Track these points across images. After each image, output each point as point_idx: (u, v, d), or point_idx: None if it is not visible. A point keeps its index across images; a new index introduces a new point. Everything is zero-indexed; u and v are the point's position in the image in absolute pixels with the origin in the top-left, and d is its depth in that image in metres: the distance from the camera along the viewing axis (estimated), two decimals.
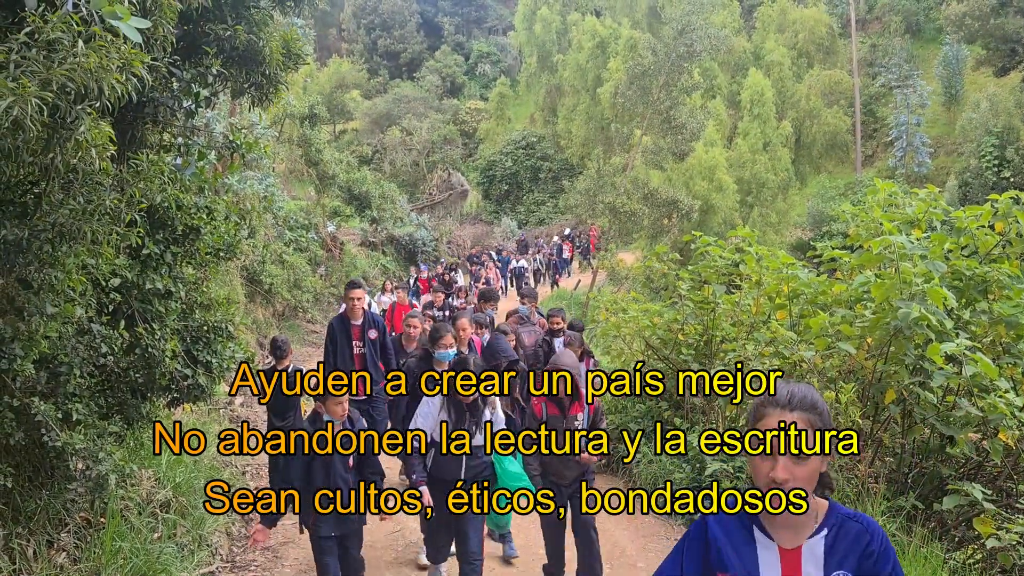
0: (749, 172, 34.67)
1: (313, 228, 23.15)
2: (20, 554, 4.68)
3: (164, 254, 5.66)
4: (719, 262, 8.85)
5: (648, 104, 30.87)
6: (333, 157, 27.26)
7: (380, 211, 30.42)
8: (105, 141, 3.62)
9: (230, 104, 15.93)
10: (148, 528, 5.77)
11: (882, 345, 6.36)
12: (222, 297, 6.87)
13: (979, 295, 6.64)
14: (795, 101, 42.48)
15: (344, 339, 7.95)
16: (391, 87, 58.40)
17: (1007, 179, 35.06)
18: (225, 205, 6.46)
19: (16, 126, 3.18)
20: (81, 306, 4.99)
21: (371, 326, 8.05)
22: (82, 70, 3.31)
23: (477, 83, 62.90)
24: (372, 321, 8.13)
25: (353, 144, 50.47)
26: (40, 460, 5.05)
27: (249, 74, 5.29)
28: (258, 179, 18.67)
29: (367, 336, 7.99)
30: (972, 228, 7.05)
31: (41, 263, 4.28)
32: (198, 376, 6.17)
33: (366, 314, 8.11)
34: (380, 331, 8.13)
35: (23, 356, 4.46)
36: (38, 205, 4.02)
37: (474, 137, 53.74)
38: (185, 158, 5.90)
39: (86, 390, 5.22)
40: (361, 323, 7.99)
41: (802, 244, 33.93)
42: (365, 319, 8.04)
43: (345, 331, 7.97)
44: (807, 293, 7.84)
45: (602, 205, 27.73)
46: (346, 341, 7.94)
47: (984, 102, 39.21)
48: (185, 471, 6.97)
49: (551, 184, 46.71)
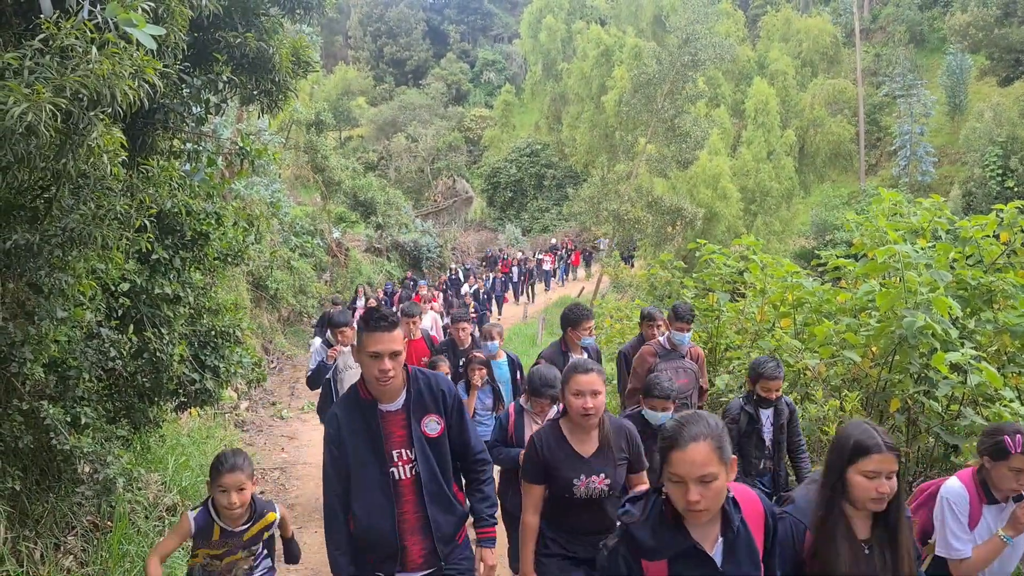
0: (753, 180, 34.66)
1: (319, 234, 23.23)
2: (28, 557, 4.71)
3: (173, 259, 5.70)
4: (723, 270, 8.86)
5: (652, 112, 30.91)
6: (339, 163, 27.37)
7: (385, 217, 30.53)
8: (116, 147, 3.65)
9: (238, 110, 16.00)
10: (155, 531, 5.79)
11: (887, 354, 6.37)
12: (229, 302, 6.90)
13: (984, 304, 6.64)
14: (799, 110, 42.50)
15: None
16: (397, 94, 58.55)
17: (1011, 189, 35.06)
18: (233, 211, 6.50)
19: (30, 131, 3.21)
20: (90, 310, 5.02)
21: None
22: (95, 76, 3.34)
23: (482, 91, 63.06)
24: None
25: (359, 151, 50.61)
26: (48, 463, 5.07)
27: (259, 81, 5.31)
28: (265, 185, 18.73)
29: None
30: (977, 238, 7.06)
31: (51, 267, 4.31)
32: (205, 381, 6.20)
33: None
34: None
35: (33, 360, 4.49)
36: (49, 210, 4.05)
37: (479, 144, 53.84)
38: (194, 164, 5.93)
39: (94, 394, 5.25)
40: None
41: (806, 253, 33.92)
42: None
43: None
44: (811, 301, 7.85)
45: (606, 213, 27.79)
46: None
47: (988, 112, 39.21)
48: (191, 475, 7.00)
49: (555, 191, 46.74)
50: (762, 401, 5.53)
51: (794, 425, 5.71)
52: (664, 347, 6.61)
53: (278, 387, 14.02)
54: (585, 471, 3.84)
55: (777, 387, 5.45)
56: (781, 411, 5.60)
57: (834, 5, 55.86)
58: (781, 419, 5.58)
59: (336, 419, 3.62)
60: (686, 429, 2.55)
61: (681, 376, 6.33)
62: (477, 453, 3.84)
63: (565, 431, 3.93)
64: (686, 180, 32.65)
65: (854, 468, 2.88)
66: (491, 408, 6.71)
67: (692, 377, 6.48)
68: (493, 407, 6.72)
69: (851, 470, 2.88)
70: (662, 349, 6.59)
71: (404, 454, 3.61)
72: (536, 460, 3.89)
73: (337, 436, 3.60)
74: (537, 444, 3.90)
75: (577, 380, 3.80)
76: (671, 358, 6.51)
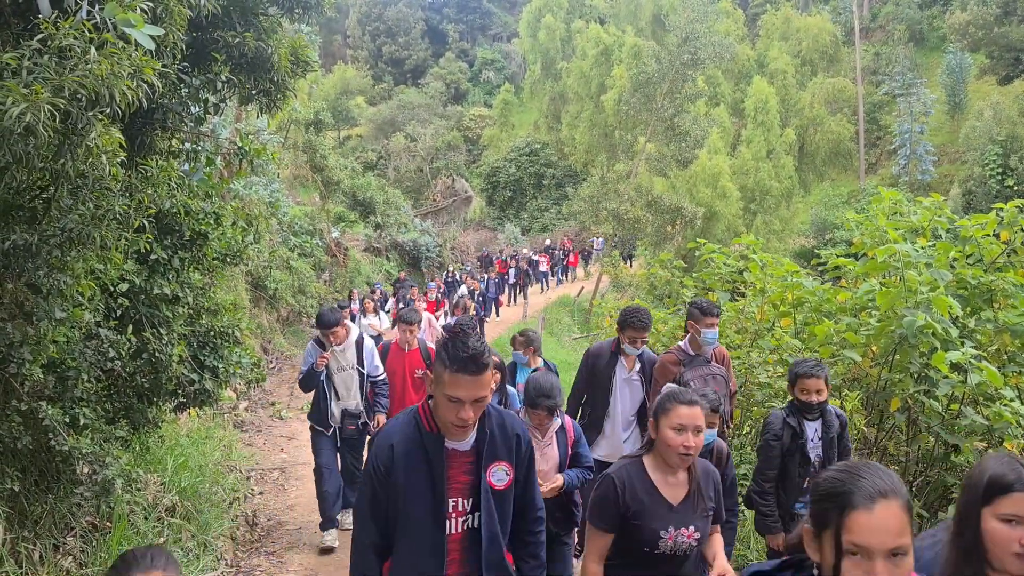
0: (753, 180, 34.69)
1: (318, 234, 23.20)
2: (27, 558, 4.70)
3: (172, 259, 5.68)
4: (723, 269, 8.86)
5: (652, 111, 30.93)
6: (338, 163, 27.38)
7: (384, 217, 30.53)
8: (115, 147, 3.64)
9: (236, 110, 15.99)
10: (154, 532, 5.78)
11: (887, 353, 6.37)
12: (228, 302, 6.89)
13: (984, 304, 6.64)
14: (799, 109, 42.54)
15: None
16: (396, 93, 58.57)
17: (1011, 188, 35.09)
18: (232, 211, 6.49)
19: (28, 132, 3.20)
20: (89, 311, 5.01)
21: None
22: (94, 76, 3.33)
23: (481, 90, 63.07)
24: None
25: (358, 150, 50.60)
26: (47, 464, 5.06)
27: (257, 81, 5.31)
28: (264, 185, 18.71)
29: None
30: (977, 237, 7.05)
31: (50, 268, 4.30)
32: (204, 381, 6.19)
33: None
34: None
35: (31, 360, 4.48)
36: (47, 210, 4.04)
37: (478, 143, 53.88)
38: (193, 164, 5.92)
39: (93, 394, 5.24)
40: None
41: (806, 252, 33.96)
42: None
43: None
44: (811, 301, 7.84)
45: (606, 212, 27.79)
46: None
47: (988, 110, 39.26)
48: (190, 476, 6.99)
49: (555, 191, 46.77)
50: (807, 411, 4.88)
51: (845, 440, 5.04)
52: (686, 352, 5.81)
53: (277, 387, 14.00)
54: (674, 522, 3.29)
55: (817, 387, 4.81)
56: (830, 424, 4.92)
57: (834, 4, 55.90)
58: (831, 432, 4.91)
59: (390, 451, 2.93)
60: (867, 480, 1.86)
61: (710, 383, 5.57)
62: (538, 511, 3.27)
63: (650, 471, 3.34)
64: (686, 179, 32.68)
65: (990, 511, 2.23)
66: None
67: (723, 383, 5.70)
68: None
69: (986, 513, 2.24)
70: (684, 355, 5.78)
71: (461, 504, 3.01)
72: (613, 504, 3.28)
73: (387, 471, 2.93)
74: (617, 484, 3.29)
75: (679, 413, 3.23)
76: (696, 364, 5.72)
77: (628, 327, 5.77)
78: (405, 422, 3.02)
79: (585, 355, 6.22)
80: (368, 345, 7.17)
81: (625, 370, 5.96)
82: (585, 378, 6.12)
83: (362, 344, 7.13)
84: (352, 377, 7.05)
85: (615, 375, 5.95)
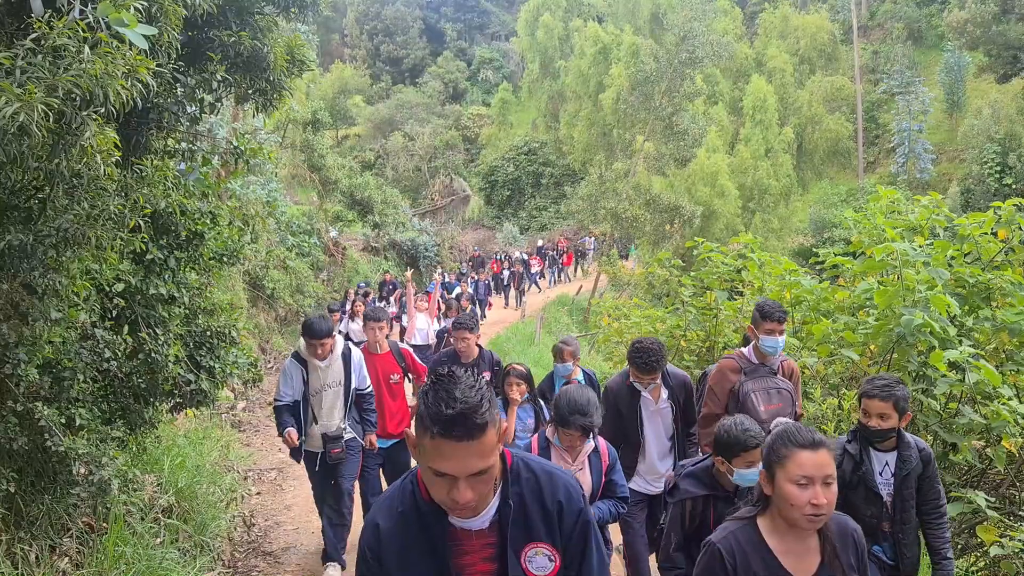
0: (751, 178, 34.70)
1: (316, 233, 23.19)
2: (23, 559, 4.68)
3: (168, 259, 5.66)
4: (721, 268, 8.85)
5: (650, 110, 30.96)
6: (336, 162, 27.34)
7: (382, 216, 30.48)
8: (110, 147, 3.63)
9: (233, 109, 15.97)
10: (151, 533, 5.76)
11: (885, 352, 6.36)
12: (225, 302, 6.87)
13: (982, 302, 6.63)
14: (797, 107, 42.55)
15: None
16: (394, 93, 58.55)
17: (1009, 186, 35.13)
18: (228, 210, 6.47)
19: (22, 132, 3.18)
20: (85, 311, 5.00)
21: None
22: (88, 76, 3.32)
23: (479, 89, 63.04)
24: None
25: (356, 149, 50.60)
26: (43, 465, 5.05)
27: (253, 80, 5.29)
28: (261, 184, 18.70)
29: None
30: (975, 235, 7.04)
31: (45, 268, 4.29)
32: (201, 381, 6.17)
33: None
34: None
35: (27, 361, 4.47)
36: (43, 210, 4.02)
37: (476, 143, 53.89)
38: (189, 163, 5.90)
39: (89, 395, 5.23)
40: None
41: (804, 250, 33.95)
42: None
43: None
44: (810, 300, 7.84)
45: (604, 211, 27.81)
46: None
47: (986, 109, 39.31)
48: (187, 476, 6.97)
49: (553, 190, 46.80)
50: (871, 438, 4.04)
51: (930, 480, 4.10)
52: (749, 360, 5.07)
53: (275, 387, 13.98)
54: None
55: (880, 411, 3.93)
56: (908, 459, 4.02)
57: (832, 2, 55.88)
58: (907, 469, 4.00)
59: (375, 531, 2.21)
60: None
61: (774, 399, 4.89)
62: None
63: (768, 536, 2.62)
64: (684, 178, 32.69)
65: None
66: (532, 429, 5.76)
67: (787, 400, 4.94)
68: (536, 428, 5.78)
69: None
70: (747, 363, 5.05)
71: None
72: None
73: (376, 558, 2.20)
74: (725, 556, 2.59)
75: (800, 461, 2.51)
76: (759, 375, 5.01)
77: (634, 366, 5.12)
78: (398, 492, 2.25)
79: (604, 393, 5.54)
80: (356, 357, 6.31)
81: (651, 402, 5.29)
82: (611, 419, 5.33)
83: (349, 357, 6.26)
84: (337, 395, 6.20)
85: (640, 409, 5.29)
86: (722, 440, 3.64)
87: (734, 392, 4.92)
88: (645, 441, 5.29)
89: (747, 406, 4.84)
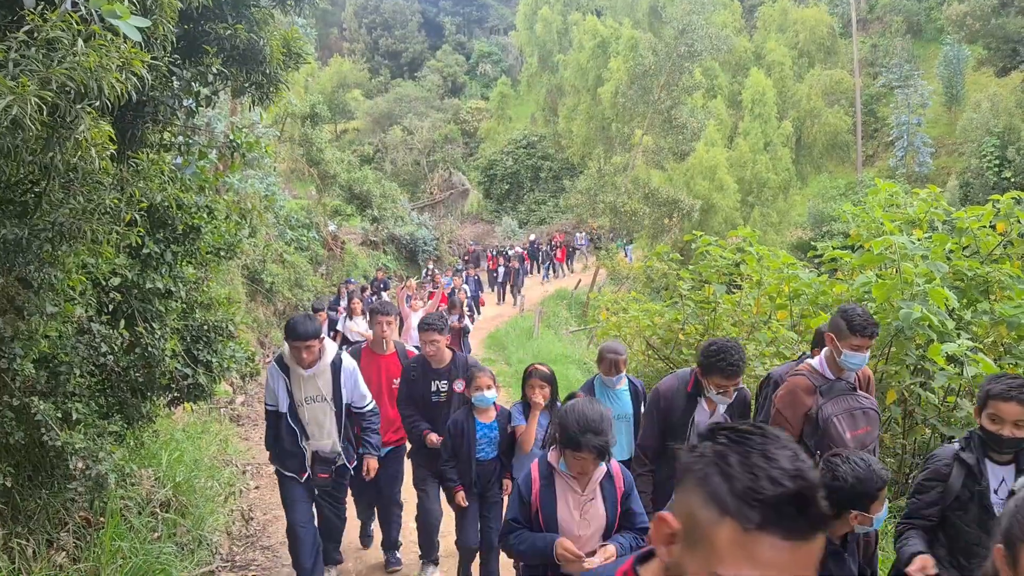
0: (750, 172, 34.67)
1: (314, 227, 23.19)
2: (20, 553, 4.68)
3: (164, 253, 5.65)
4: (720, 262, 8.84)
5: (649, 104, 30.89)
6: (334, 156, 27.34)
7: (381, 210, 30.52)
8: (105, 140, 3.61)
9: (231, 103, 15.94)
10: (148, 527, 5.76)
11: (883, 346, 6.36)
12: (223, 296, 6.86)
13: (980, 295, 6.63)
14: (796, 101, 42.48)
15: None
16: (392, 86, 58.44)
17: (1008, 179, 35.10)
18: (226, 204, 6.45)
19: (15, 125, 3.17)
20: (81, 305, 4.99)
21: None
22: (82, 69, 3.30)
23: (478, 83, 62.92)
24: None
25: (354, 143, 50.51)
26: (40, 459, 5.04)
27: (250, 73, 5.27)
28: (259, 178, 18.68)
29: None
30: (974, 228, 7.05)
31: (41, 262, 4.28)
32: (198, 375, 6.16)
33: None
34: None
35: (23, 355, 4.46)
36: (38, 204, 4.01)
37: (475, 136, 53.79)
38: (185, 157, 5.88)
39: (86, 389, 5.22)
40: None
41: (803, 244, 33.92)
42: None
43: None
44: (808, 293, 7.83)
45: (603, 205, 27.81)
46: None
47: (985, 102, 39.26)
48: (185, 470, 6.97)
49: (552, 183, 46.73)
50: (1001, 448, 3.44)
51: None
52: (823, 375, 4.20)
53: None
54: None
55: (1018, 417, 3.35)
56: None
57: None
58: None
59: None
60: None
61: (860, 422, 4.09)
62: None
63: None
64: (683, 172, 32.67)
65: None
66: None
67: (875, 422, 4.20)
68: None
69: None
70: (821, 380, 4.17)
71: None
72: None
73: None
74: None
75: None
76: (838, 393, 4.11)
77: (715, 372, 4.34)
78: None
79: (654, 397, 4.79)
80: (348, 368, 5.49)
81: (706, 412, 4.59)
82: (658, 429, 4.68)
83: (339, 368, 5.43)
84: (325, 410, 5.43)
85: (693, 422, 4.56)
86: (851, 490, 3.12)
87: (810, 418, 4.05)
88: None
89: (830, 434, 3.96)
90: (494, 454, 5.43)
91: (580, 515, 3.49)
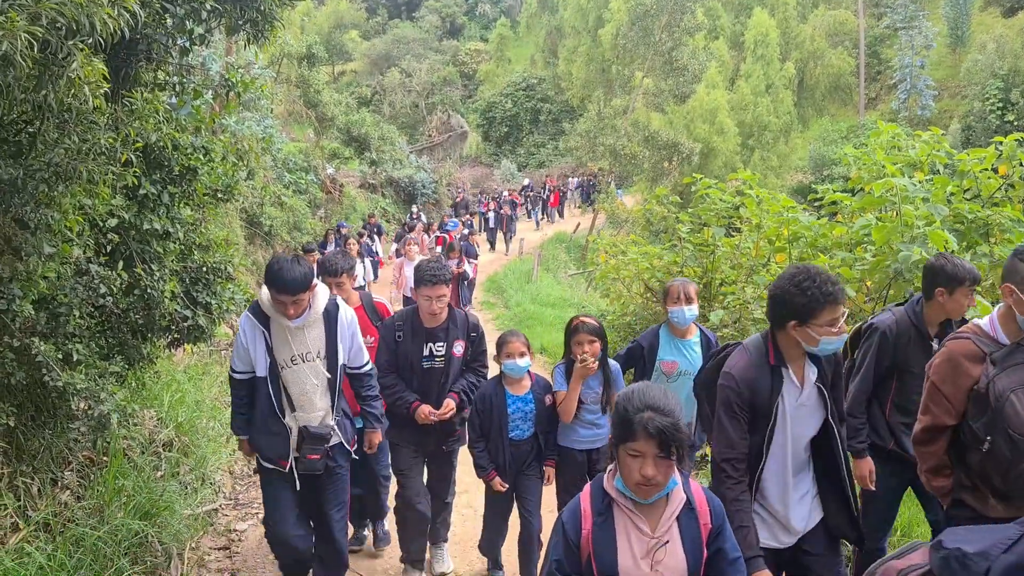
0: (751, 115, 34.40)
1: (312, 170, 23.07)
2: (24, 492, 4.74)
3: (161, 194, 5.61)
4: (719, 205, 8.80)
5: (650, 45, 30.51)
6: (332, 99, 27.03)
7: (379, 153, 30.28)
8: (98, 78, 3.57)
9: (226, 43, 15.71)
10: (151, 466, 5.83)
11: (881, 288, 6.36)
12: (220, 238, 6.83)
13: (980, 238, 6.61)
14: (799, 42, 41.97)
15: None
16: (390, 27, 57.60)
17: (1011, 123, 34.81)
18: (223, 145, 6.39)
19: (6, 62, 3.12)
20: (79, 246, 4.97)
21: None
22: (72, 4, 3.24)
23: (477, 24, 62.02)
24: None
25: (352, 85, 49.96)
26: (42, 400, 5.08)
27: (244, 10, 5.19)
28: (257, 120, 18.51)
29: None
30: (975, 171, 7.00)
31: (37, 203, 4.25)
32: (198, 317, 6.16)
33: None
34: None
35: (22, 296, 4.46)
36: (33, 144, 3.97)
37: (474, 79, 53.24)
38: (180, 97, 5.82)
39: (86, 331, 5.23)
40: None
41: (803, 188, 33.79)
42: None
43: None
44: (807, 236, 7.81)
45: (602, 148, 27.62)
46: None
47: (990, 43, 38.77)
48: (187, 411, 7.03)
49: (551, 126, 46.39)
50: None
51: None
52: (994, 339, 3.11)
53: None
54: None
55: None
56: None
57: None
58: None
59: None
60: None
61: None
62: None
63: None
64: (683, 115, 32.40)
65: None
66: (601, 402, 4.65)
67: None
68: (605, 401, 4.64)
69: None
70: (993, 345, 3.10)
71: None
72: None
73: None
74: None
75: None
76: (1016, 360, 3.00)
77: (823, 305, 3.07)
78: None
79: (725, 380, 3.29)
80: (345, 317, 4.48)
81: (796, 388, 3.28)
82: (744, 427, 3.27)
83: (335, 318, 4.41)
84: (316, 373, 4.36)
85: (780, 405, 3.26)
86: None
87: (978, 393, 3.05)
88: (776, 462, 3.30)
89: (1007, 415, 2.93)
90: (530, 432, 4.74)
91: (651, 565, 2.54)
